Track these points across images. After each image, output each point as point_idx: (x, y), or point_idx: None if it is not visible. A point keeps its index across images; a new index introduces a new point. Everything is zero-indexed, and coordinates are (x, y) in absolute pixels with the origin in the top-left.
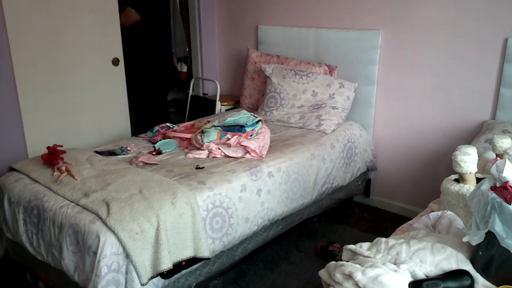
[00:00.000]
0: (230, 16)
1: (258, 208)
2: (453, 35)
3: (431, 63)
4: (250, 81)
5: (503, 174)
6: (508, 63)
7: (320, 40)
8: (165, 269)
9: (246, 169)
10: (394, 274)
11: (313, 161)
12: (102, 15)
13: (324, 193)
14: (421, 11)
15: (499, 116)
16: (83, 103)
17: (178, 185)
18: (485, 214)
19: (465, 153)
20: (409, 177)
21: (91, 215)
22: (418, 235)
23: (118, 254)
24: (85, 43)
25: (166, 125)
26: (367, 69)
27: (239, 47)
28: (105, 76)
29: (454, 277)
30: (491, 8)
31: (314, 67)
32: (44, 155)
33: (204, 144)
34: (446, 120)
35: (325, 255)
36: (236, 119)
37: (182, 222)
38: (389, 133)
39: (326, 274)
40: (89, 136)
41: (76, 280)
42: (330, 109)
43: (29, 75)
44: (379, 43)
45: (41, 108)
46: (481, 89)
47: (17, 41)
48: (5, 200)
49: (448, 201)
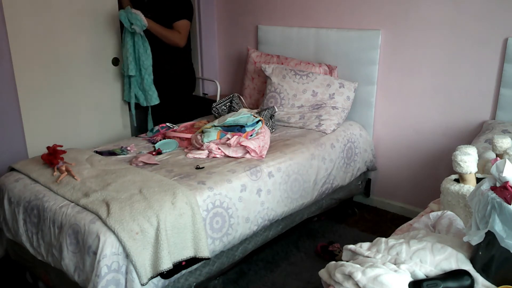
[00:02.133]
0: (230, 16)
1: (258, 208)
2: (453, 35)
3: (431, 63)
4: (250, 81)
5: (503, 174)
6: (508, 63)
7: (320, 40)
8: (165, 269)
9: (246, 169)
10: (394, 274)
11: (313, 161)
12: (102, 15)
13: (324, 193)
14: (421, 11)
15: (499, 116)
16: (83, 103)
17: (178, 185)
18: (485, 214)
19: (465, 153)
20: (409, 177)
21: (91, 215)
22: (418, 235)
23: (118, 254)
24: (85, 43)
25: (166, 125)
26: (367, 69)
27: (239, 47)
28: (105, 76)
29: (454, 277)
30: (491, 8)
31: (314, 67)
32: (44, 155)
33: (204, 144)
34: (446, 120)
35: (325, 255)
36: (236, 119)
37: (182, 222)
38: (389, 133)
39: (326, 274)
40: (89, 136)
41: (76, 280)
42: (330, 109)
43: (29, 75)
44: (379, 43)
45: (41, 108)
46: (481, 89)
47: (17, 41)
48: (5, 200)
49: (448, 201)
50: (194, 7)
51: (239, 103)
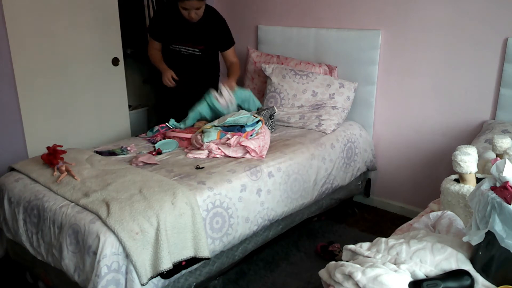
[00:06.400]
0: (230, 16)
1: (258, 208)
2: (453, 35)
3: (431, 63)
4: (250, 81)
5: (503, 174)
6: (508, 63)
7: (320, 40)
8: (165, 269)
9: (246, 169)
10: (394, 274)
11: (313, 161)
12: (102, 15)
13: (324, 193)
14: (421, 11)
15: (499, 116)
16: (83, 103)
17: (178, 185)
18: (485, 214)
19: (465, 153)
20: (409, 177)
21: (91, 215)
22: (418, 235)
23: (118, 254)
24: (85, 43)
25: (166, 125)
26: (367, 69)
27: (239, 47)
28: (105, 76)
29: (454, 277)
30: (491, 8)
31: (314, 67)
32: (44, 155)
33: (204, 144)
34: (446, 120)
35: (325, 255)
36: (236, 119)
37: (182, 222)
38: (389, 133)
39: (326, 274)
40: (89, 136)
41: (76, 280)
42: (330, 109)
43: (29, 75)
44: (379, 43)
45: (41, 108)
46: (481, 89)
47: (17, 41)
48: (5, 200)
49: (448, 201)
50: None
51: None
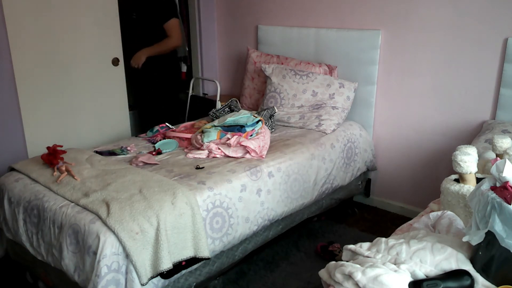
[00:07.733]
0: (230, 16)
1: (258, 208)
2: (453, 35)
3: (431, 63)
4: (250, 81)
5: (503, 174)
6: (508, 63)
7: (320, 40)
8: (165, 269)
9: (246, 169)
10: (394, 274)
11: (313, 161)
12: (102, 15)
13: (324, 193)
14: (421, 11)
15: (499, 116)
16: (83, 103)
17: (178, 185)
18: (485, 214)
19: (465, 153)
20: (409, 177)
21: (91, 215)
22: (418, 235)
23: (118, 254)
24: (85, 43)
25: (166, 125)
26: (367, 69)
27: (239, 47)
28: (105, 76)
29: (454, 277)
30: (491, 8)
31: (314, 67)
32: (44, 155)
33: (204, 144)
34: (446, 120)
35: (325, 255)
36: (236, 119)
37: (182, 222)
38: (389, 133)
39: (326, 274)
40: (89, 136)
41: (76, 280)
42: (330, 109)
43: (29, 75)
44: (379, 43)
45: (41, 108)
46: (481, 89)
47: (17, 41)
48: (5, 200)
49: (448, 201)
50: (194, 7)
51: (238, 106)
